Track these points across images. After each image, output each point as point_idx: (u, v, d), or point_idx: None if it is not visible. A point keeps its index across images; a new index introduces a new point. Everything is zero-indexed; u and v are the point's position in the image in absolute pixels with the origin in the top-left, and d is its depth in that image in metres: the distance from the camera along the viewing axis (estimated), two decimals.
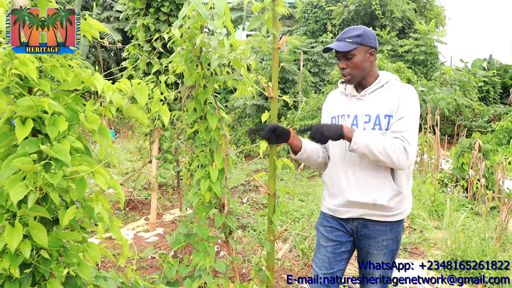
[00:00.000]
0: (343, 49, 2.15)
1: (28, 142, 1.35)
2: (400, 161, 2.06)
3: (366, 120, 2.20)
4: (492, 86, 18.34)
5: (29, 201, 1.31)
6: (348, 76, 2.21)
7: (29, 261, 1.41)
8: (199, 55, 2.45)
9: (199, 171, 2.65)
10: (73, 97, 1.50)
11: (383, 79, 2.26)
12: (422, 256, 4.68)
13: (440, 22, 17.96)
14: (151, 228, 5.33)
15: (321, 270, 2.38)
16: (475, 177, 6.67)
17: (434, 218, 6.00)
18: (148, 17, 5.15)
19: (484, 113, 16.15)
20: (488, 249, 4.18)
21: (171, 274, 2.55)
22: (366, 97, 2.25)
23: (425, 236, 5.22)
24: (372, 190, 2.18)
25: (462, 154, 7.26)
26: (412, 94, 2.19)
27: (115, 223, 1.66)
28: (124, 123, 13.36)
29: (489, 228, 5.12)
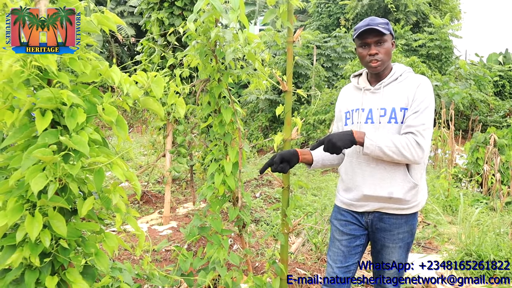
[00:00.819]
0: (384, 31, 2.13)
1: (48, 133, 1.37)
2: (415, 156, 2.06)
3: (382, 114, 2.18)
4: (508, 81, 18.09)
5: (49, 191, 1.32)
6: (378, 62, 2.17)
7: (49, 250, 1.43)
8: (213, 49, 2.46)
9: (213, 164, 2.66)
10: (91, 89, 1.52)
11: (397, 71, 2.25)
12: (436, 251, 4.66)
13: (455, 16, 17.77)
14: (164, 222, 5.37)
15: (335, 264, 2.39)
16: (490, 172, 6.62)
17: (448, 213, 5.96)
18: (162, 11, 5.17)
19: (499, 107, 15.96)
20: (503, 244, 4.14)
21: (186, 266, 2.57)
22: (381, 90, 2.23)
23: (439, 231, 5.19)
24: (388, 183, 2.17)
25: (477, 149, 7.20)
26: (427, 86, 2.17)
27: (131, 213, 1.67)
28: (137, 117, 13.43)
29: (504, 223, 5.07)
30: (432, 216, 5.71)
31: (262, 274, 2.71)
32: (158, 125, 5.45)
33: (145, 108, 1.70)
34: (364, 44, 2.20)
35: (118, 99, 1.57)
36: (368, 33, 2.15)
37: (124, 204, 1.58)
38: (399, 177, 2.16)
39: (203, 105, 2.67)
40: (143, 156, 9.72)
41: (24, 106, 1.37)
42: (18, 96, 1.35)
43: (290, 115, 2.45)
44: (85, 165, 1.42)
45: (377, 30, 2.13)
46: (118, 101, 1.57)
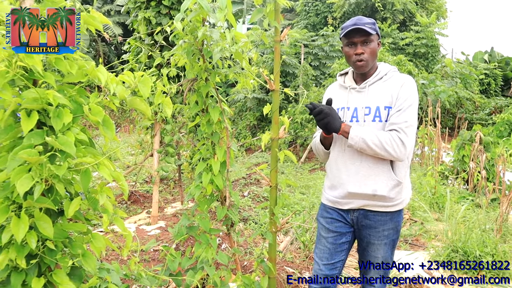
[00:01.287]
0: (371, 31, 2.16)
1: (34, 134, 1.36)
2: (397, 153, 2.10)
3: (366, 112, 2.21)
4: (494, 79, 18.31)
5: (35, 192, 1.31)
6: (364, 61, 2.21)
7: (35, 252, 1.42)
8: (201, 48, 2.46)
9: (201, 164, 2.66)
10: (77, 90, 1.51)
11: (382, 70, 2.28)
12: (423, 248, 4.70)
13: (441, 15, 17.92)
14: (153, 221, 5.35)
15: (322, 261, 2.40)
16: (475, 169, 6.69)
17: (434, 210, 6.02)
18: (149, 10, 5.15)
19: (485, 105, 16.15)
20: (488, 241, 4.20)
21: (174, 266, 2.57)
22: (366, 89, 2.26)
23: (425, 228, 5.24)
24: (372, 181, 2.19)
25: (463, 146, 7.27)
26: (411, 85, 2.21)
27: (119, 214, 1.67)
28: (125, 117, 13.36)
29: (490, 219, 5.14)
30: (419, 213, 5.76)
31: (251, 273, 2.72)
32: (145, 125, 5.42)
33: (132, 108, 1.70)
34: (351, 43, 2.23)
35: (104, 99, 1.57)
36: (355, 32, 2.18)
37: (111, 204, 1.58)
38: (383, 175, 2.19)
39: (190, 105, 2.67)
40: (131, 155, 9.68)
41: (9, 106, 1.36)
42: (3, 97, 1.33)
43: (278, 114, 2.46)
44: (72, 165, 1.42)
45: (363, 30, 2.16)
46: (105, 101, 1.57)
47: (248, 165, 9.27)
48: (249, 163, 9.45)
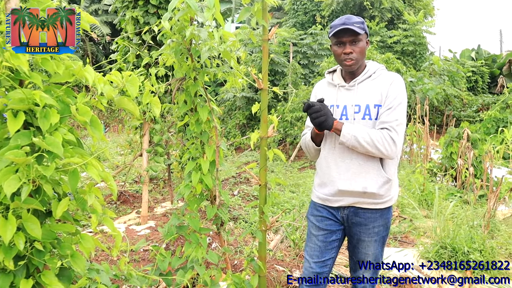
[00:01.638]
0: (359, 31, 2.18)
1: (20, 134, 1.35)
2: (388, 151, 2.13)
3: (356, 110, 2.23)
4: (481, 76, 18.48)
5: (23, 193, 1.31)
6: (353, 61, 2.22)
7: (23, 253, 1.41)
8: (189, 48, 2.45)
9: (190, 163, 2.66)
10: (64, 90, 1.50)
11: (370, 69, 2.30)
12: (412, 244, 4.74)
13: (428, 13, 18.04)
14: (142, 221, 5.33)
15: (312, 259, 2.41)
16: (463, 166, 6.75)
17: (423, 207, 6.06)
18: (137, 10, 5.13)
19: (472, 103, 16.29)
20: (476, 237, 4.24)
21: (164, 266, 2.57)
22: (355, 87, 2.28)
23: (415, 225, 5.28)
24: (362, 178, 2.21)
25: (451, 143, 7.33)
26: (399, 83, 2.24)
27: (108, 214, 1.67)
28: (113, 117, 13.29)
29: (478, 216, 5.19)
30: (408, 211, 5.80)
31: (241, 272, 2.73)
32: (134, 125, 5.40)
33: (120, 107, 1.69)
34: (340, 42, 2.24)
35: (92, 99, 1.56)
36: (344, 32, 2.20)
37: (100, 204, 1.57)
38: (373, 172, 2.21)
39: (179, 104, 2.66)
40: (120, 155, 9.63)
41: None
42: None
43: (266, 113, 2.46)
44: (60, 166, 1.41)
45: (352, 30, 2.18)
46: (93, 101, 1.56)
47: (237, 164, 9.27)
48: (238, 162, 9.45)
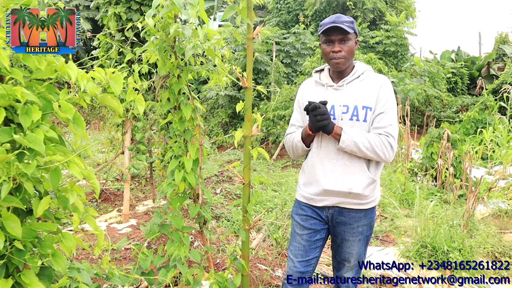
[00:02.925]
0: (349, 30, 2.18)
1: (1, 131, 1.33)
2: (386, 155, 2.18)
3: (344, 111, 2.24)
4: (460, 78, 18.72)
5: (2, 191, 1.29)
6: (341, 59, 2.22)
7: (2, 252, 1.39)
8: (173, 45, 2.44)
9: (173, 161, 2.64)
10: (46, 86, 1.48)
11: (359, 69, 2.31)
12: (393, 243, 4.79)
13: (410, 14, 18.20)
14: (124, 220, 5.29)
15: (296, 258, 2.42)
16: (443, 166, 6.84)
17: (404, 207, 6.13)
18: (119, 6, 5.08)
19: (452, 103, 16.51)
20: (456, 236, 4.30)
21: (146, 264, 2.55)
22: (344, 87, 2.29)
23: (396, 224, 5.33)
24: (348, 179, 2.23)
25: (431, 143, 7.41)
26: (389, 87, 2.28)
27: (90, 212, 1.65)
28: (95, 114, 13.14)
29: (457, 215, 5.26)
30: (389, 210, 5.86)
31: (224, 271, 2.72)
32: (116, 122, 5.35)
33: (103, 105, 1.67)
34: (329, 40, 2.24)
35: (75, 96, 1.54)
36: (333, 30, 2.20)
37: (82, 203, 1.56)
38: (358, 173, 2.22)
39: (162, 102, 2.65)
40: (101, 153, 9.54)
41: None
42: None
43: (251, 112, 2.46)
44: (41, 163, 1.39)
45: (342, 28, 2.18)
46: (75, 98, 1.55)
47: (220, 162, 9.25)
48: (221, 161, 9.43)
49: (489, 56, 20.10)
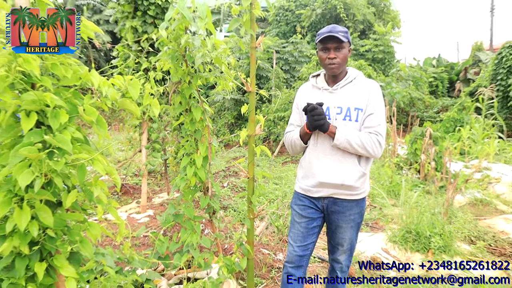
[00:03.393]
0: (343, 39, 2.20)
1: (33, 133, 1.34)
2: (375, 152, 2.19)
3: (338, 112, 2.25)
4: (441, 82, 18.68)
5: (36, 185, 1.30)
6: (336, 65, 2.24)
7: (37, 239, 1.40)
8: (184, 54, 2.44)
9: (185, 158, 2.65)
10: (72, 92, 1.49)
11: (351, 75, 2.33)
12: (381, 230, 4.78)
13: (396, 25, 18.16)
14: (142, 210, 5.30)
15: (295, 243, 2.43)
16: (426, 160, 6.83)
17: (391, 197, 6.12)
18: (136, 20, 5.09)
19: (433, 105, 16.46)
20: (437, 222, 4.30)
21: (162, 250, 2.56)
22: (338, 90, 2.30)
23: (384, 213, 5.33)
24: (341, 172, 2.24)
25: (415, 141, 7.40)
26: (378, 91, 2.29)
27: (112, 204, 1.66)
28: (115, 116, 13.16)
29: (438, 204, 5.25)
30: (378, 200, 5.85)
31: (231, 255, 2.73)
32: (134, 123, 5.37)
33: (122, 108, 1.68)
34: (325, 48, 2.25)
35: (97, 101, 1.55)
36: (329, 39, 2.21)
37: (105, 195, 1.57)
38: (350, 167, 2.23)
39: (175, 105, 2.65)
40: (121, 151, 9.54)
41: (9, 108, 1.34)
42: (4, 99, 1.31)
43: (254, 113, 2.46)
44: (69, 161, 1.40)
45: (337, 38, 2.19)
46: (98, 102, 1.55)
47: (227, 159, 9.25)
48: (227, 157, 9.43)
49: (466, 62, 20.05)
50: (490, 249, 4.30)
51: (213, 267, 2.95)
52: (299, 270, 2.44)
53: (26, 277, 1.43)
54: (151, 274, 2.72)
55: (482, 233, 4.59)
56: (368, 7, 16.92)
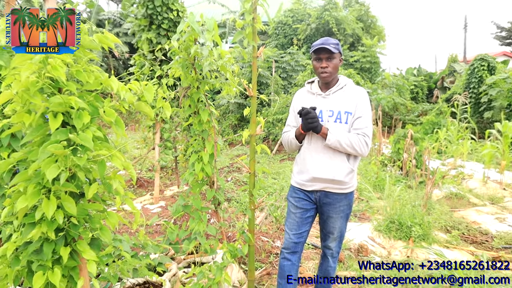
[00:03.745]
0: (334, 51, 2.20)
1: (59, 132, 1.34)
2: (362, 151, 2.20)
3: (330, 115, 2.26)
4: (421, 89, 18.68)
5: (61, 178, 1.29)
6: (328, 73, 2.24)
7: (62, 226, 1.40)
8: (193, 62, 2.44)
9: (194, 155, 2.65)
10: (94, 96, 1.49)
11: (342, 82, 2.33)
12: (368, 220, 4.78)
13: (381, 38, 18.10)
14: (155, 201, 5.31)
15: (291, 232, 2.43)
16: (408, 159, 6.82)
17: (377, 191, 6.12)
18: (151, 32, 5.09)
19: (414, 109, 16.45)
20: (417, 214, 4.30)
21: (173, 237, 2.56)
22: (330, 96, 2.30)
23: (370, 205, 5.32)
24: (332, 168, 2.24)
25: (398, 141, 7.39)
26: (366, 97, 2.30)
27: (128, 195, 1.66)
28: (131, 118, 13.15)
29: (418, 197, 5.25)
30: (365, 194, 5.85)
31: (234, 242, 2.73)
32: (148, 124, 5.38)
33: (138, 110, 1.68)
34: (318, 58, 2.25)
35: (116, 104, 1.55)
36: (322, 50, 2.22)
37: (122, 188, 1.56)
38: (340, 164, 2.24)
39: (185, 108, 2.65)
40: (137, 149, 9.54)
41: (39, 109, 1.34)
42: (34, 102, 1.31)
43: (255, 115, 2.46)
44: (90, 157, 1.40)
45: (328, 49, 2.20)
46: (116, 105, 1.55)
47: (230, 156, 9.24)
48: (231, 155, 9.42)
49: (443, 72, 20.07)
50: (464, 237, 4.30)
51: (218, 252, 2.95)
52: (294, 255, 2.44)
53: (52, 259, 1.43)
54: (162, 258, 2.72)
55: (457, 223, 4.59)
56: (357, 22, 16.88)
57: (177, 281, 2.71)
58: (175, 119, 5.39)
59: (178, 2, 5.37)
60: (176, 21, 5.22)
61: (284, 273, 2.45)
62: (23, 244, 1.44)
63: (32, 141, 1.39)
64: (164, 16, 5.11)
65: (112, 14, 19.17)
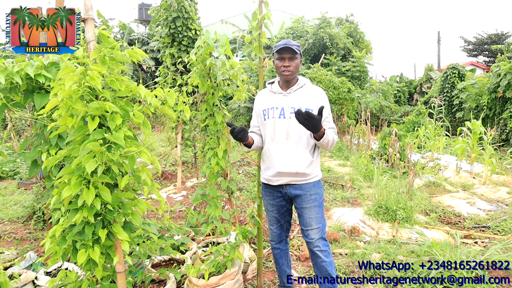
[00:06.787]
0: (296, 51, 2.06)
1: (96, 132, 1.34)
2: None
3: (291, 111, 2.09)
4: (403, 93, 18.58)
5: (98, 171, 1.30)
6: (290, 72, 2.09)
7: (100, 212, 1.41)
8: (208, 72, 2.44)
9: (210, 151, 2.64)
10: (125, 101, 1.49)
11: (301, 81, 2.17)
12: (359, 205, 4.75)
13: (368, 51, 17.92)
14: (178, 191, 5.33)
15: (272, 226, 2.33)
16: (393, 153, 6.76)
17: (367, 181, 6.07)
18: (173, 48, 5.11)
19: (398, 111, 16.33)
20: (401, 199, 4.25)
21: (193, 221, 2.56)
22: (291, 94, 2.14)
23: (361, 192, 5.29)
24: (294, 162, 2.08)
25: (384, 138, 7.34)
26: (325, 96, 2.15)
27: (155, 186, 1.66)
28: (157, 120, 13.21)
29: (402, 186, 5.20)
30: (357, 183, 5.81)
31: (245, 225, 2.72)
32: (171, 126, 5.40)
33: (162, 113, 1.68)
34: (281, 58, 2.09)
35: (143, 108, 1.55)
36: (285, 50, 2.06)
37: (150, 179, 1.57)
38: (302, 157, 2.08)
39: (202, 111, 2.64)
40: (162, 147, 9.59)
41: (80, 113, 1.34)
42: (76, 107, 1.32)
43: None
44: (122, 153, 1.40)
45: (291, 49, 2.05)
46: (144, 109, 1.55)
47: (241, 152, 9.24)
48: (242, 151, 9.42)
49: (421, 79, 19.95)
50: (440, 219, 4.25)
51: (231, 234, 2.95)
52: (280, 243, 2.35)
53: (92, 240, 1.44)
54: (184, 239, 2.73)
55: (434, 207, 4.54)
56: (348, 37, 16.76)
57: (197, 258, 2.71)
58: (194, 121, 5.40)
59: (196, 22, 5.37)
60: (194, 38, 5.23)
61: (277, 259, 2.40)
62: (68, 227, 1.45)
63: (74, 140, 1.40)
64: (184, 35, 5.13)
65: (141, 35, 19.25)
